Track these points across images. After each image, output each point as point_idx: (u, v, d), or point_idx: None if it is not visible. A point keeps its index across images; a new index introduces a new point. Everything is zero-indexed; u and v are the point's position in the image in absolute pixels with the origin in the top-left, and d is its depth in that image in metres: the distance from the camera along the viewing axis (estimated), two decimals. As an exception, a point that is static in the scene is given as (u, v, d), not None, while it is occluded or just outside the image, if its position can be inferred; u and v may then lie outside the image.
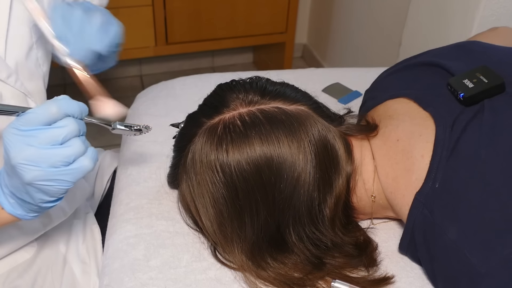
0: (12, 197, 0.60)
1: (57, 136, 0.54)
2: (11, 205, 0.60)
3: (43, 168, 0.54)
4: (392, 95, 0.83)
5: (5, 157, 0.56)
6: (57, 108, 0.55)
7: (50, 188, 0.56)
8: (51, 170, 0.54)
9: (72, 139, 0.55)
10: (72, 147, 0.55)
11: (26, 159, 0.53)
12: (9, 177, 0.58)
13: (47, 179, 0.55)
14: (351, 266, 0.73)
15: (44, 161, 0.54)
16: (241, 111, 0.70)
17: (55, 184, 0.56)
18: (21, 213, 0.61)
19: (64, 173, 0.55)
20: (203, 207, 0.72)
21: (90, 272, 0.88)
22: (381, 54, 1.96)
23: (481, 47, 0.88)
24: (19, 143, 0.54)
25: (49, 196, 0.57)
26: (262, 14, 2.24)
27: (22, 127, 0.54)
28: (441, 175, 0.67)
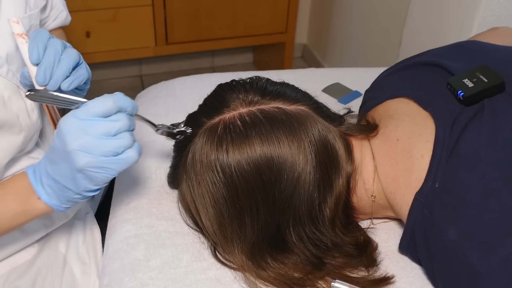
0: (51, 186, 0.62)
1: (112, 128, 0.59)
2: (48, 195, 0.63)
3: (95, 156, 0.58)
4: (392, 95, 0.83)
5: (57, 145, 0.59)
6: (113, 102, 0.59)
7: (98, 175, 0.60)
8: (102, 159, 0.59)
9: (123, 132, 0.60)
10: (123, 140, 0.60)
11: (81, 146, 0.58)
12: (55, 165, 0.61)
13: (97, 166, 0.59)
14: (351, 266, 0.73)
15: (97, 149, 0.58)
16: (241, 111, 0.70)
17: (103, 172, 0.60)
18: (56, 203, 0.63)
19: (113, 162, 0.60)
20: (203, 207, 0.72)
21: (90, 272, 0.88)
22: (381, 54, 1.96)
23: (481, 46, 0.88)
24: (76, 130, 0.58)
25: (93, 184, 0.61)
26: (262, 14, 2.24)
27: (81, 117, 0.59)
28: (441, 175, 0.67)
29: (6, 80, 0.72)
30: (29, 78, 0.70)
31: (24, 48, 0.67)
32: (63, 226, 0.90)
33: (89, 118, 0.59)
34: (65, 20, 0.93)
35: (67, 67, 0.68)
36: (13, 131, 0.75)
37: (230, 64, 2.68)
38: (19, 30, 0.68)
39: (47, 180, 0.62)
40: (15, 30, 0.68)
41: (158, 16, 2.11)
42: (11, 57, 0.73)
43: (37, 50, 0.66)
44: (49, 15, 0.89)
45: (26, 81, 0.72)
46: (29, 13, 0.77)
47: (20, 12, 0.75)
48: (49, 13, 0.89)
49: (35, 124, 0.79)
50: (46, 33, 0.68)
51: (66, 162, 0.59)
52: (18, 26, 0.68)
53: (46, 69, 0.66)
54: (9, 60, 0.73)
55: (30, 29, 0.77)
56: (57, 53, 0.67)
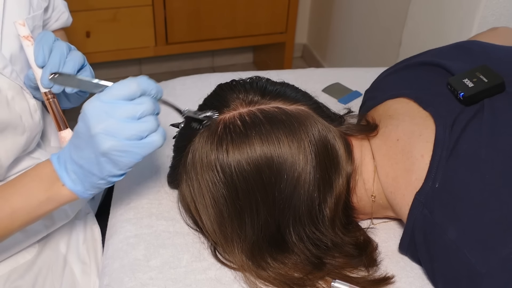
0: (75, 172, 0.62)
1: (136, 111, 0.58)
2: (72, 181, 0.62)
3: (119, 139, 0.58)
4: (392, 95, 0.83)
5: (81, 129, 0.59)
6: (137, 85, 0.59)
7: (121, 159, 0.59)
8: (126, 142, 0.58)
9: (147, 116, 0.59)
10: (147, 123, 0.59)
11: (105, 129, 0.57)
12: (79, 150, 0.60)
13: (121, 150, 0.58)
14: (351, 266, 0.73)
15: (121, 132, 0.57)
16: (241, 111, 0.70)
17: (127, 156, 0.59)
18: (80, 189, 0.63)
19: (137, 146, 0.59)
20: (203, 207, 0.72)
21: (90, 272, 0.88)
22: (381, 54, 1.96)
23: (481, 46, 0.88)
24: (101, 113, 0.58)
25: (117, 169, 0.60)
26: (262, 14, 2.24)
27: (105, 100, 0.58)
28: (441, 175, 0.67)
29: (9, 81, 0.72)
30: (34, 80, 0.70)
31: (29, 51, 0.68)
32: (63, 226, 0.90)
33: (113, 101, 0.58)
34: (66, 21, 0.94)
35: (72, 70, 0.68)
36: (17, 132, 0.75)
37: (230, 64, 2.68)
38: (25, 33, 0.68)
39: (71, 166, 0.62)
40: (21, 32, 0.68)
41: (158, 16, 2.11)
42: (15, 57, 0.74)
43: (42, 53, 0.66)
44: (51, 16, 0.89)
45: (31, 83, 0.73)
46: (33, 14, 0.77)
47: (24, 13, 0.75)
48: (51, 14, 0.89)
49: (38, 124, 0.79)
50: (52, 36, 0.68)
51: (90, 146, 0.58)
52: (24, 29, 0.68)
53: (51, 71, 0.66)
54: (12, 61, 0.73)
55: (34, 30, 0.77)
56: (63, 55, 0.67)
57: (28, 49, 0.68)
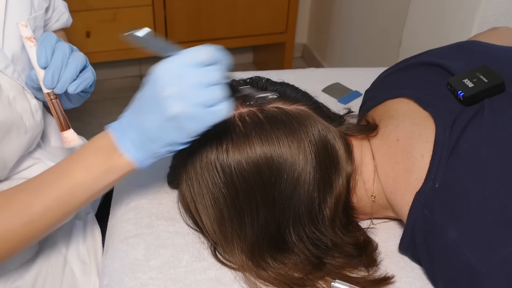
0: (137, 139, 0.60)
1: (208, 78, 0.57)
2: (133, 148, 0.61)
3: (189, 104, 0.56)
4: (392, 95, 0.83)
5: (148, 92, 0.58)
6: (211, 53, 0.57)
7: (188, 126, 0.57)
8: (193, 109, 0.56)
9: (217, 85, 0.57)
10: (216, 92, 0.57)
11: (176, 93, 0.56)
12: (143, 114, 0.59)
13: (188, 116, 0.56)
14: (351, 266, 0.73)
15: (190, 98, 0.56)
16: (241, 111, 0.70)
17: (194, 123, 0.57)
18: (140, 158, 0.61)
19: (206, 113, 0.57)
20: (203, 207, 0.72)
21: (90, 272, 0.88)
22: (381, 54, 1.96)
23: (481, 46, 0.88)
24: (172, 77, 0.57)
25: (182, 136, 0.58)
26: (262, 14, 2.24)
27: (177, 64, 0.57)
28: (441, 175, 0.67)
29: (11, 81, 0.72)
30: (36, 80, 0.70)
31: (32, 51, 0.68)
32: (63, 226, 0.90)
33: (186, 66, 0.57)
34: (66, 22, 0.94)
35: (75, 71, 0.68)
36: (20, 132, 0.76)
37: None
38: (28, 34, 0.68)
39: (132, 133, 0.60)
40: (23, 33, 0.68)
41: (158, 16, 2.11)
42: (17, 58, 0.74)
43: (45, 54, 0.66)
44: (51, 17, 0.89)
45: (33, 83, 0.73)
46: (34, 14, 0.77)
47: (26, 14, 0.75)
48: (51, 15, 0.89)
49: (39, 124, 0.79)
50: (54, 37, 0.69)
51: (157, 110, 0.57)
52: (26, 30, 0.68)
53: (54, 72, 0.66)
54: (14, 61, 0.73)
55: (35, 30, 0.77)
56: (65, 56, 0.68)
57: (30, 50, 0.68)
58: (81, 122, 2.13)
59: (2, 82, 0.71)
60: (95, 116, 2.21)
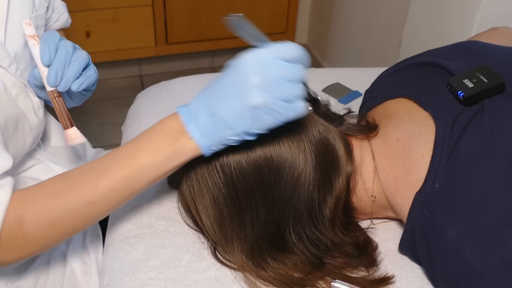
0: (208, 124, 0.60)
1: (293, 75, 0.58)
2: (201, 133, 0.61)
3: (270, 97, 0.57)
4: (392, 95, 0.83)
5: (230, 79, 0.59)
6: (296, 51, 0.59)
7: (266, 117, 0.58)
8: (277, 101, 0.57)
9: (299, 82, 0.59)
10: (297, 89, 0.58)
11: (263, 83, 0.57)
12: (222, 100, 0.59)
13: (270, 107, 0.57)
14: (351, 266, 0.73)
15: (273, 90, 0.57)
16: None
17: (272, 115, 0.58)
18: (206, 144, 0.61)
19: (285, 108, 0.58)
20: (203, 207, 0.72)
21: (91, 272, 0.88)
22: (381, 54, 1.96)
23: (481, 47, 0.88)
24: (261, 67, 0.57)
25: (256, 127, 0.59)
26: (262, 14, 2.24)
27: (265, 55, 0.58)
28: (441, 175, 0.67)
29: (14, 78, 0.72)
30: (40, 78, 0.70)
31: (35, 50, 0.68)
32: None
33: (274, 58, 0.58)
34: (66, 22, 0.94)
35: (78, 69, 0.68)
36: (25, 129, 0.76)
37: (230, 64, 2.68)
38: (31, 32, 0.68)
39: (204, 117, 0.60)
40: (27, 31, 0.68)
41: (158, 16, 2.11)
42: (19, 56, 0.74)
43: (48, 52, 0.67)
44: (51, 17, 0.89)
45: (36, 81, 0.73)
46: (36, 13, 0.77)
47: (27, 13, 0.75)
48: (51, 15, 0.89)
49: (41, 122, 0.79)
50: (57, 35, 0.69)
51: (239, 97, 0.58)
52: (30, 28, 0.68)
53: (57, 70, 0.66)
54: (17, 59, 0.73)
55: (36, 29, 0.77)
56: (68, 54, 0.68)
57: (34, 48, 0.68)
58: (81, 122, 2.13)
59: (6, 79, 0.71)
60: (95, 116, 2.21)
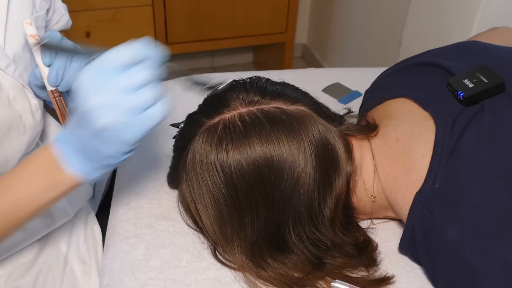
0: (79, 150, 0.56)
1: (132, 82, 0.52)
2: (79, 160, 0.57)
3: (117, 114, 0.52)
4: (392, 95, 0.83)
5: (78, 103, 0.53)
6: (132, 53, 0.53)
7: (122, 136, 0.53)
8: (124, 117, 0.52)
9: (147, 86, 0.53)
10: (146, 95, 0.53)
11: (101, 103, 0.52)
12: (79, 126, 0.55)
13: (120, 126, 0.52)
14: (351, 266, 0.73)
15: (118, 106, 0.52)
16: (241, 111, 0.70)
17: (127, 132, 0.53)
18: (85, 170, 0.57)
19: (137, 120, 0.53)
20: (203, 207, 0.72)
21: (91, 272, 0.88)
22: (381, 54, 1.96)
23: (481, 47, 0.88)
24: (94, 86, 0.52)
25: (119, 147, 0.55)
26: (262, 14, 2.24)
27: (97, 70, 0.52)
28: (441, 175, 0.67)
29: (12, 79, 0.72)
30: (40, 78, 0.70)
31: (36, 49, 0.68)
32: (64, 226, 0.90)
33: (108, 70, 0.52)
34: (66, 24, 0.94)
35: (78, 68, 0.68)
36: (20, 131, 0.75)
37: (230, 64, 2.68)
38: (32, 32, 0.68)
39: (74, 144, 0.56)
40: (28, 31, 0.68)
41: (158, 16, 2.11)
42: (18, 57, 0.74)
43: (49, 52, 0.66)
44: (51, 19, 0.89)
45: (37, 81, 0.73)
46: (36, 14, 0.77)
47: (28, 14, 0.75)
48: (51, 17, 0.89)
49: (39, 124, 0.79)
50: (58, 35, 0.69)
51: (85, 123, 0.53)
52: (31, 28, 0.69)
53: (58, 70, 0.66)
54: (16, 60, 0.73)
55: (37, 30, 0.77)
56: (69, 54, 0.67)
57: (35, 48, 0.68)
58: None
59: (3, 81, 0.71)
60: (95, 116, 2.21)
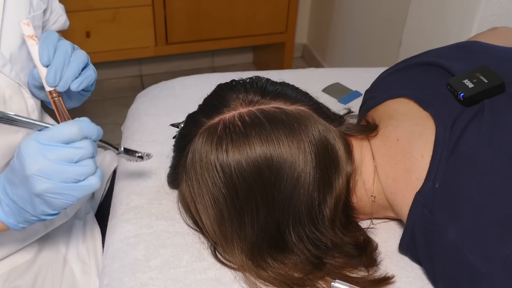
0: (9, 206, 0.61)
1: (74, 156, 0.58)
2: (5, 213, 0.62)
3: (55, 182, 0.57)
4: (392, 95, 0.83)
5: (16, 167, 0.58)
6: (78, 129, 0.58)
7: (56, 201, 0.59)
8: (61, 185, 0.57)
9: (86, 160, 0.59)
10: (85, 167, 0.58)
11: (41, 171, 0.56)
12: (13, 186, 0.60)
13: (56, 192, 0.58)
14: (351, 266, 0.73)
15: (57, 175, 0.57)
16: (241, 111, 0.70)
17: (62, 198, 0.58)
18: (13, 222, 0.63)
19: (73, 189, 0.58)
20: (203, 207, 0.72)
21: (90, 272, 0.88)
22: (381, 54, 1.96)
23: (481, 47, 0.88)
24: (37, 155, 0.57)
25: (51, 209, 0.60)
26: (262, 14, 2.24)
27: (43, 141, 0.57)
28: (441, 175, 0.67)
29: (8, 79, 0.72)
30: (39, 79, 0.70)
31: (34, 50, 0.68)
32: (63, 226, 0.90)
33: (51, 143, 0.57)
34: (64, 24, 0.94)
35: (77, 68, 0.68)
36: (11, 130, 0.75)
37: (230, 64, 2.68)
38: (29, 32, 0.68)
39: (5, 199, 0.62)
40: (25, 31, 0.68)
41: (158, 16, 2.11)
42: (15, 57, 0.73)
43: (47, 52, 0.67)
44: (49, 19, 0.89)
45: (36, 82, 0.73)
46: (33, 14, 0.77)
47: (24, 13, 0.75)
48: (49, 17, 0.89)
49: None
50: (56, 35, 0.69)
51: (25, 186, 0.58)
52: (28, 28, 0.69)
53: (56, 70, 0.66)
54: (12, 60, 0.73)
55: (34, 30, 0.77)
56: (67, 54, 0.68)
57: (32, 49, 0.68)
58: (81, 122, 2.13)
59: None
60: (95, 116, 2.21)
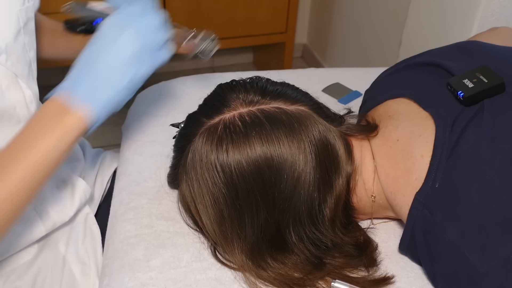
0: (94, 87, 0.63)
1: (155, 22, 0.66)
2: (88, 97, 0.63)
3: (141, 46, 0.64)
4: (392, 95, 0.83)
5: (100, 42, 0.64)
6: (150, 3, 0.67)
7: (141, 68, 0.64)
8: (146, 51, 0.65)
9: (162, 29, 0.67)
10: (166, 33, 0.67)
11: (132, 34, 0.63)
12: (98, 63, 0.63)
13: (142, 55, 0.64)
14: (351, 266, 0.73)
15: (143, 39, 0.64)
16: (241, 111, 0.70)
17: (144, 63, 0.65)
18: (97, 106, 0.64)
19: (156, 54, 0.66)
20: (203, 207, 0.72)
21: (90, 272, 0.88)
22: (381, 54, 1.96)
23: (481, 46, 0.88)
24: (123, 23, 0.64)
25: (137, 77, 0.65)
26: (262, 14, 2.24)
27: (124, 14, 0.64)
28: (441, 175, 0.67)
29: (5, 69, 0.71)
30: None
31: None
32: (63, 226, 0.90)
33: (132, 15, 0.64)
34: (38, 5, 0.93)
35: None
36: (12, 122, 0.74)
37: (230, 64, 2.68)
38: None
39: (85, 84, 0.63)
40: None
41: (158, 16, 2.11)
42: (10, 47, 0.73)
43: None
44: None
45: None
46: (27, 5, 0.77)
47: (18, 4, 0.75)
48: None
49: None
50: None
51: (112, 53, 0.63)
52: None
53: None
54: (8, 51, 0.72)
55: (27, 22, 0.76)
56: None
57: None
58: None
59: None
60: (95, 116, 2.21)
